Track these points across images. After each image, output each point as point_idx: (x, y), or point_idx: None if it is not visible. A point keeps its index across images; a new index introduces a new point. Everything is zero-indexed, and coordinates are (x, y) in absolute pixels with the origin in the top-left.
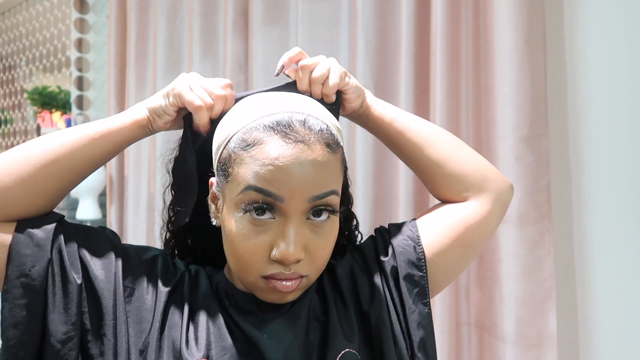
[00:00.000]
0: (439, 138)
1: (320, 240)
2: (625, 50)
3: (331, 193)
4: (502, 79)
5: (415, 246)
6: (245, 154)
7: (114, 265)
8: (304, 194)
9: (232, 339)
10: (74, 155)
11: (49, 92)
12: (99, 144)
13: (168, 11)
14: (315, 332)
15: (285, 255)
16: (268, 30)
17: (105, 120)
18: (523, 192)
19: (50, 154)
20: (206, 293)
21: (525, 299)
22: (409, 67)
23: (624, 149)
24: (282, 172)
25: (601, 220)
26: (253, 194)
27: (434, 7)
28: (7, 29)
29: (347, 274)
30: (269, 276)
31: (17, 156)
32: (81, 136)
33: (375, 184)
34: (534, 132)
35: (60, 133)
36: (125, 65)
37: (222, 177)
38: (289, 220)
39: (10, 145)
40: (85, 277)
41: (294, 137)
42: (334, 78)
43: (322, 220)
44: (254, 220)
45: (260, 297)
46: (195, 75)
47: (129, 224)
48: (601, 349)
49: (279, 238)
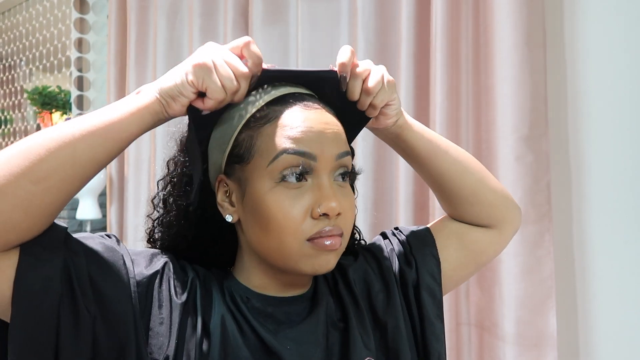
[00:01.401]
0: (471, 166)
1: (347, 200)
2: (625, 50)
3: (348, 153)
4: (502, 79)
5: (435, 259)
6: (268, 127)
7: (128, 285)
8: (332, 151)
9: (249, 349)
10: (73, 161)
11: (49, 92)
12: (101, 141)
13: (168, 11)
14: (334, 339)
15: (330, 209)
16: (268, 30)
17: (106, 110)
18: (523, 192)
19: (45, 166)
20: (220, 301)
21: (525, 299)
22: (409, 67)
23: (624, 149)
24: (312, 132)
25: (601, 220)
26: (289, 157)
27: (434, 7)
28: (7, 29)
29: (360, 279)
30: (315, 236)
31: (6, 174)
32: (79, 134)
33: (375, 184)
34: (534, 132)
35: (51, 134)
36: (125, 65)
37: (239, 164)
38: (322, 178)
39: None
40: (99, 305)
41: (310, 105)
42: (385, 92)
43: (344, 182)
44: (290, 185)
45: (304, 269)
46: (217, 48)
47: (129, 224)
48: (601, 349)
49: (318, 195)
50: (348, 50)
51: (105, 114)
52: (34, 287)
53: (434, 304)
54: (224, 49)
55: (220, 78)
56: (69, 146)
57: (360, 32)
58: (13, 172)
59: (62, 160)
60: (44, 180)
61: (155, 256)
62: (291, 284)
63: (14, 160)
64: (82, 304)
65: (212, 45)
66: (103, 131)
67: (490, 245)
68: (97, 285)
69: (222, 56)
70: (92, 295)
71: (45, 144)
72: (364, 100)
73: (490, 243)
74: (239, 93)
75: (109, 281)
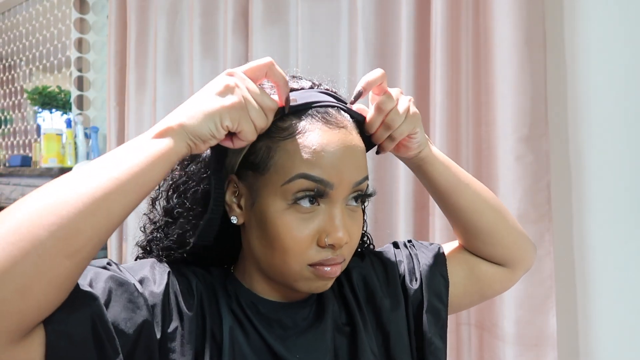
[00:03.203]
0: (491, 205)
1: (355, 223)
2: (625, 50)
3: (366, 178)
4: (502, 79)
5: (444, 280)
6: (288, 142)
7: (147, 314)
8: (351, 180)
9: (259, 359)
10: (108, 226)
11: (49, 92)
12: (134, 196)
13: (168, 11)
14: (341, 343)
15: (338, 240)
16: (268, 30)
17: (128, 157)
18: (523, 192)
19: (82, 237)
20: (226, 308)
21: (525, 299)
22: (409, 67)
23: (624, 149)
24: (333, 158)
25: (601, 220)
26: (305, 182)
27: (434, 7)
28: (7, 29)
29: (365, 281)
30: (317, 263)
31: (40, 252)
32: (111, 191)
33: (375, 185)
34: (534, 132)
35: (80, 197)
36: (125, 65)
37: (253, 171)
38: (335, 206)
39: (10, 146)
40: (123, 348)
41: (334, 123)
42: (406, 124)
43: (356, 205)
44: (302, 209)
45: (300, 288)
46: (242, 79)
47: (129, 224)
48: (601, 348)
49: (327, 225)
50: (379, 73)
51: (128, 161)
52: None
53: (437, 325)
54: (247, 79)
55: (253, 120)
56: (103, 209)
57: (360, 32)
58: (47, 251)
59: (98, 228)
60: (79, 252)
61: (154, 268)
62: (292, 293)
63: (46, 236)
64: (113, 358)
65: (237, 76)
66: (133, 183)
67: (499, 282)
68: (121, 332)
69: (251, 91)
70: (119, 349)
71: (78, 210)
72: (381, 135)
73: (499, 280)
74: (267, 126)
75: (130, 323)
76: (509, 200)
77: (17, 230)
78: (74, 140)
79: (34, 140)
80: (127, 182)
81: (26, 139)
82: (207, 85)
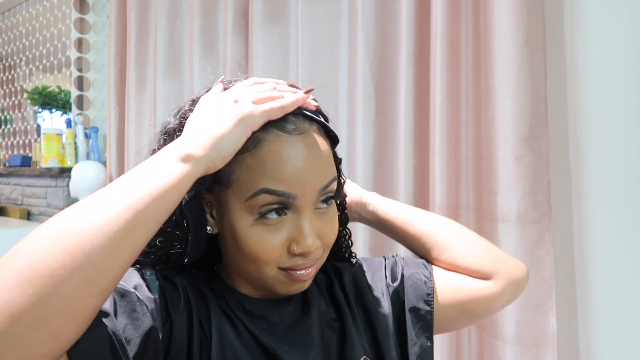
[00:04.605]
0: (450, 221)
1: (328, 224)
2: (625, 50)
3: (334, 179)
4: (502, 79)
5: (427, 281)
6: (248, 157)
7: (150, 322)
8: (315, 187)
9: (248, 352)
10: (132, 258)
11: (49, 92)
12: (155, 224)
13: (168, 11)
14: (330, 338)
15: (307, 248)
16: (268, 30)
17: (147, 185)
18: (523, 192)
19: (111, 275)
20: (215, 305)
21: (525, 299)
22: (409, 67)
23: (624, 149)
24: (294, 169)
25: (601, 220)
26: (267, 197)
27: (434, 7)
28: (7, 29)
29: (355, 283)
30: (289, 268)
31: (73, 294)
32: (137, 223)
33: (376, 184)
34: (534, 132)
35: (108, 233)
36: (125, 65)
37: (219, 185)
38: (303, 214)
39: (10, 146)
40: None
41: (292, 129)
42: None
43: (327, 207)
44: (269, 221)
45: (279, 291)
46: (240, 89)
47: None
48: (601, 348)
49: (296, 233)
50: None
51: (146, 189)
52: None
53: (420, 324)
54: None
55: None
56: (129, 244)
57: (360, 32)
58: (78, 292)
59: (125, 263)
60: (107, 289)
61: (144, 274)
62: (275, 293)
63: (76, 278)
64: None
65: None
66: (154, 213)
67: (484, 297)
68: (130, 341)
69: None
70: (131, 358)
71: (105, 245)
72: None
73: (480, 292)
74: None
75: (137, 332)
76: (509, 201)
77: (47, 273)
78: (74, 140)
79: (34, 140)
80: (149, 214)
81: (26, 139)
82: (206, 110)
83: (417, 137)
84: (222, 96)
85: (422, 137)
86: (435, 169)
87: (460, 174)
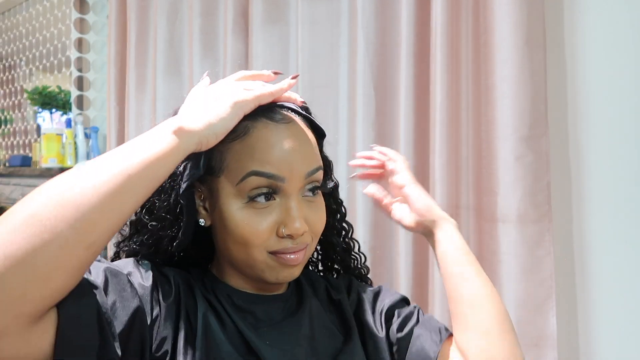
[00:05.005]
0: (479, 305)
1: (316, 212)
2: (625, 49)
3: (320, 168)
4: (502, 79)
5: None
6: (237, 144)
7: (139, 306)
8: (301, 171)
9: (231, 344)
10: (121, 218)
11: (49, 92)
12: (146, 186)
13: (168, 11)
14: (326, 342)
15: (295, 230)
16: (268, 30)
17: (139, 153)
18: (523, 192)
19: (99, 229)
20: (202, 297)
21: (525, 299)
22: (409, 67)
23: (624, 149)
24: (281, 152)
25: (601, 220)
26: (256, 179)
27: (434, 7)
28: (7, 29)
29: (357, 296)
30: (278, 251)
31: (62, 243)
32: (123, 184)
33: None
34: (534, 132)
35: (97, 188)
36: (125, 65)
37: (210, 175)
38: (290, 198)
39: (10, 146)
40: (121, 340)
41: (279, 119)
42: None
43: (314, 196)
44: (258, 205)
45: (268, 278)
46: (228, 82)
47: None
48: (601, 349)
49: (284, 216)
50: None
51: (138, 157)
52: (75, 343)
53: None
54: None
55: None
56: (117, 204)
57: (360, 32)
58: (68, 242)
59: (113, 220)
60: (95, 243)
61: (139, 265)
62: (266, 286)
63: (66, 229)
64: (113, 347)
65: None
66: (143, 179)
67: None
68: (120, 321)
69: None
70: (117, 335)
71: (96, 204)
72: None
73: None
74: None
75: (124, 311)
76: (509, 201)
77: (39, 222)
78: (74, 140)
79: (34, 140)
80: (138, 179)
81: (26, 139)
82: (199, 94)
83: (417, 137)
84: (216, 84)
85: (422, 137)
86: (435, 169)
87: (460, 174)
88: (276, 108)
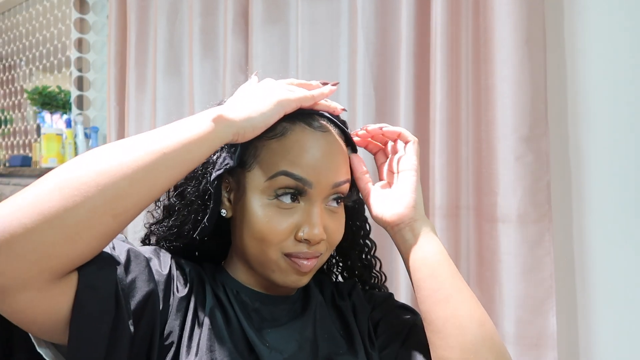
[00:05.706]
0: (458, 325)
1: (336, 223)
2: (625, 49)
3: (347, 181)
4: (502, 79)
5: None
6: (274, 142)
7: (154, 290)
8: (329, 181)
9: (233, 341)
10: (151, 194)
11: (49, 92)
12: (179, 165)
13: (168, 11)
14: (328, 345)
15: (313, 236)
16: (268, 30)
17: (178, 134)
18: (523, 192)
19: (129, 201)
20: (211, 293)
21: (525, 299)
22: (409, 67)
23: (624, 149)
24: (313, 159)
25: (601, 220)
26: (285, 179)
27: (434, 7)
28: (7, 29)
29: (364, 316)
30: (292, 254)
31: (91, 208)
32: (157, 162)
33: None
34: (534, 132)
35: (133, 161)
36: (125, 65)
37: (242, 168)
38: (314, 205)
39: (10, 146)
40: (134, 318)
41: (317, 126)
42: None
43: (336, 206)
44: (282, 204)
45: (277, 280)
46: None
47: None
48: (601, 349)
49: (304, 220)
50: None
51: (176, 138)
52: (91, 311)
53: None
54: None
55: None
56: (150, 178)
57: (360, 32)
58: (97, 208)
59: (143, 194)
60: (123, 214)
61: (159, 253)
62: (275, 286)
63: (97, 195)
64: (127, 322)
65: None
66: (178, 159)
67: None
68: (135, 300)
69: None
70: (131, 312)
71: (128, 176)
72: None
73: None
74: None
75: (140, 292)
76: (509, 200)
77: (74, 185)
78: (74, 140)
79: (34, 140)
80: (172, 158)
81: (26, 139)
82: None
83: (417, 136)
84: (263, 82)
85: (422, 137)
86: (435, 169)
87: (460, 174)
88: (316, 116)
